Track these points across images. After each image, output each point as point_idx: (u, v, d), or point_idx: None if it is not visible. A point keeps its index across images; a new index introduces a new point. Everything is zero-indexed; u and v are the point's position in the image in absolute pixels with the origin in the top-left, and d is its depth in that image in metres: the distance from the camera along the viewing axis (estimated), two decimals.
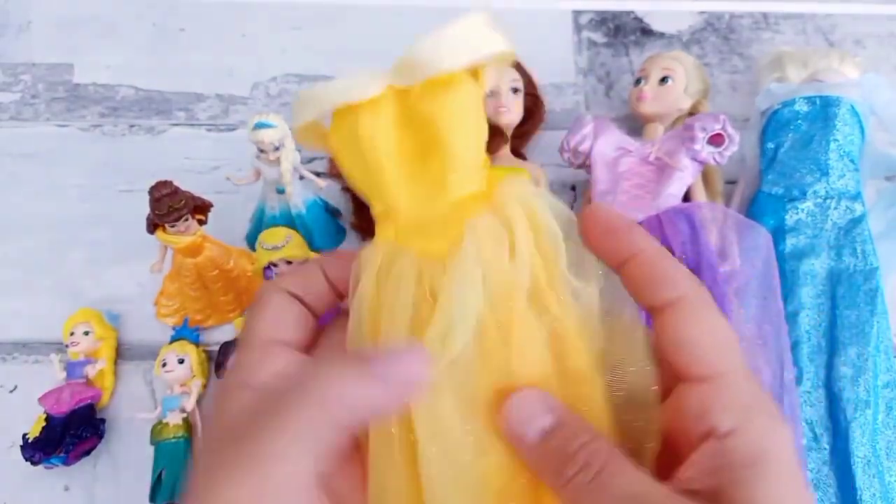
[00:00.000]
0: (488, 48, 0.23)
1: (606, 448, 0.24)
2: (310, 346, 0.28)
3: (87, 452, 0.47)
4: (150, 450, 0.46)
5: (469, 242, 0.23)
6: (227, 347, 0.47)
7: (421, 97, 0.23)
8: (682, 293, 0.24)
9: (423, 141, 0.23)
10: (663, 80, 0.53)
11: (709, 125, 0.48)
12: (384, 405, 0.23)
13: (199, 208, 0.47)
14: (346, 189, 0.55)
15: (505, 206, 0.24)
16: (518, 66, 0.56)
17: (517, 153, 0.56)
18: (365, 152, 0.23)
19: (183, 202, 0.44)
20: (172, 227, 0.45)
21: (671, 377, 0.24)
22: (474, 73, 0.24)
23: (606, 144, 0.51)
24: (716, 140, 0.48)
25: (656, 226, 0.47)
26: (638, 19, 0.65)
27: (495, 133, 0.53)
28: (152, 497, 0.45)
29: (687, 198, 0.50)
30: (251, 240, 0.53)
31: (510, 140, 0.55)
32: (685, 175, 0.49)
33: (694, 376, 0.24)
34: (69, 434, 0.45)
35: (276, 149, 0.47)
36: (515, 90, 0.54)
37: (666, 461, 0.25)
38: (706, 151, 0.48)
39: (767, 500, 0.23)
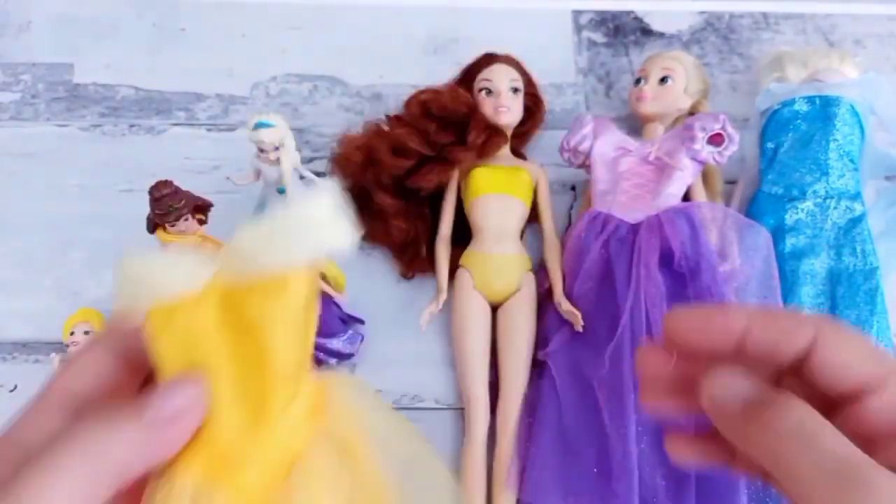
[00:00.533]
0: (326, 245, 0.20)
1: (810, 410, 0.23)
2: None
3: None
4: None
5: (299, 491, 0.20)
6: None
7: (245, 296, 0.20)
8: (818, 325, 0.23)
9: (246, 348, 0.20)
10: (663, 79, 0.53)
11: (709, 125, 0.48)
12: (153, 454, 0.20)
13: (200, 208, 0.47)
14: (350, 190, 0.53)
15: (340, 433, 0.21)
16: (518, 66, 0.56)
17: (517, 153, 0.56)
18: (182, 354, 0.20)
19: (183, 202, 0.44)
20: (173, 226, 0.45)
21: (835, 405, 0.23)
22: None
23: (606, 144, 0.51)
24: (715, 140, 0.48)
25: (657, 225, 0.47)
26: (638, 19, 0.65)
27: (495, 133, 0.52)
28: None
29: (687, 197, 0.50)
30: None
31: (510, 140, 0.54)
32: (685, 175, 0.49)
33: (871, 386, 0.23)
34: None
35: (276, 148, 0.47)
36: (515, 90, 0.54)
37: None
38: (706, 151, 0.48)
39: None
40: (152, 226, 0.46)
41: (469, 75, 0.55)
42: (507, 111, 0.53)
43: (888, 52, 0.63)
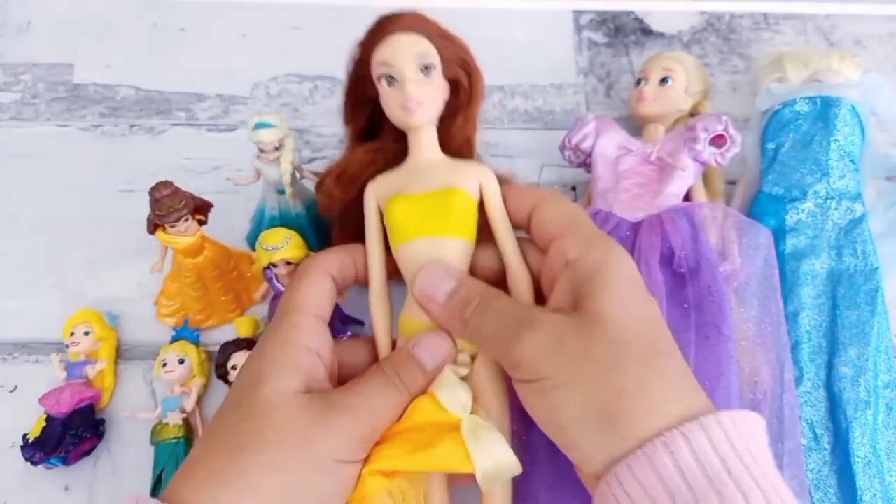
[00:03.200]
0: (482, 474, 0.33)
1: (494, 291, 0.35)
2: (331, 318, 0.38)
3: (87, 452, 0.47)
4: (151, 450, 0.46)
5: None
6: (228, 347, 0.47)
7: (449, 445, 0.33)
8: (538, 198, 0.37)
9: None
10: (664, 80, 0.53)
11: (711, 126, 0.48)
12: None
13: (200, 208, 0.47)
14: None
15: None
16: (426, 27, 0.39)
17: (457, 151, 0.41)
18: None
19: (183, 202, 0.44)
20: (173, 227, 0.45)
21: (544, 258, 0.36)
22: None
23: (608, 143, 0.51)
24: (717, 141, 0.48)
25: (657, 224, 0.47)
26: (638, 19, 0.65)
27: (398, 139, 0.40)
28: (152, 497, 0.45)
29: (687, 198, 0.50)
30: (251, 240, 0.53)
31: (439, 137, 0.40)
32: (686, 175, 0.49)
33: (555, 236, 0.35)
34: (69, 434, 0.45)
35: (277, 149, 0.47)
36: (427, 68, 0.38)
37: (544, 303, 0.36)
38: (708, 152, 0.48)
39: (608, 302, 0.31)
40: (152, 226, 0.46)
41: (365, 53, 0.40)
42: (420, 105, 0.38)
43: (888, 52, 0.63)
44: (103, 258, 0.54)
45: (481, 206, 0.39)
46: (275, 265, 0.45)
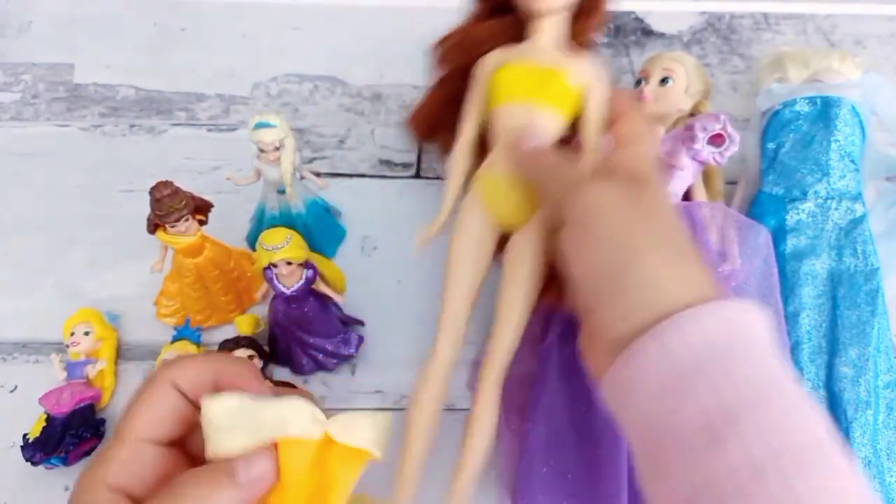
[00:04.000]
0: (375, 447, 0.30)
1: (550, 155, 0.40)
2: (183, 438, 0.30)
3: (88, 453, 0.47)
4: None
5: None
6: (227, 344, 0.47)
7: (336, 454, 0.29)
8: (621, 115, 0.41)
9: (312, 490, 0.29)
10: (664, 80, 0.53)
11: (709, 125, 0.48)
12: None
13: (200, 208, 0.47)
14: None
15: None
16: None
17: (578, 42, 0.44)
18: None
19: (183, 202, 0.44)
20: (173, 227, 0.45)
21: None
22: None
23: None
24: (716, 140, 0.48)
25: None
26: (638, 19, 0.65)
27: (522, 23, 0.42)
28: None
29: (687, 197, 0.50)
30: (251, 240, 0.53)
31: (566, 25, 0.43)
32: (685, 175, 0.49)
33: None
34: (69, 434, 0.45)
35: (277, 149, 0.47)
36: None
37: None
38: (706, 151, 0.48)
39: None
40: (152, 226, 0.46)
41: None
42: None
43: (889, 52, 0.63)
44: (103, 258, 0.54)
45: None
46: (275, 265, 0.45)
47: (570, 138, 0.42)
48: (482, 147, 0.43)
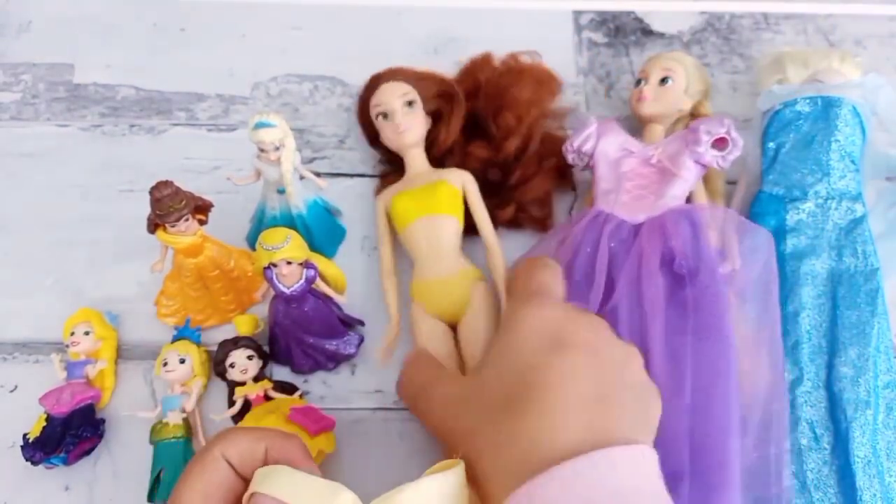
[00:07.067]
0: None
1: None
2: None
3: (88, 452, 0.47)
4: (151, 450, 0.46)
5: None
6: (227, 345, 0.47)
7: None
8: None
9: None
10: (663, 80, 0.53)
11: (713, 129, 0.48)
12: None
13: (200, 208, 0.46)
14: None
15: None
16: (406, 76, 0.54)
17: (438, 163, 0.53)
18: None
19: (184, 202, 0.44)
20: (173, 227, 0.45)
21: None
22: None
23: (610, 144, 0.51)
24: (719, 144, 0.48)
25: (658, 227, 0.47)
26: (638, 19, 0.65)
27: (393, 159, 0.54)
28: (150, 496, 0.45)
29: (688, 199, 0.50)
30: (251, 240, 0.53)
31: (425, 152, 0.53)
32: (688, 177, 0.49)
33: None
34: (69, 434, 0.45)
35: (277, 149, 0.47)
36: (410, 103, 0.52)
37: None
38: (709, 155, 0.48)
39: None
40: (152, 226, 0.46)
41: (364, 105, 0.55)
42: (408, 129, 0.51)
43: (889, 52, 0.63)
44: (103, 258, 0.54)
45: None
46: (275, 265, 0.45)
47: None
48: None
